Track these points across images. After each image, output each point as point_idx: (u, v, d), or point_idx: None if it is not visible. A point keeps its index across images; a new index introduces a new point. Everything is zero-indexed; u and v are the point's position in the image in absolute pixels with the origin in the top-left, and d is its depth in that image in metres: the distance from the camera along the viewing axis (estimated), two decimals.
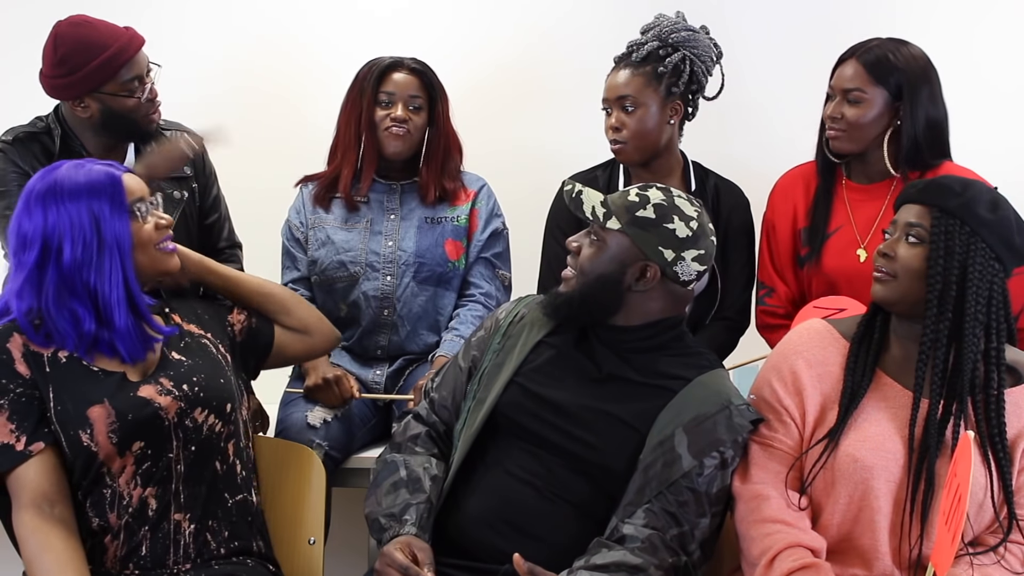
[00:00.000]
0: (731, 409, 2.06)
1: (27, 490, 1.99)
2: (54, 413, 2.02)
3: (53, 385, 2.03)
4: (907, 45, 2.61)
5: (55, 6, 2.70)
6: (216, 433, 2.11)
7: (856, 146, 2.63)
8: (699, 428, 2.03)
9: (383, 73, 2.83)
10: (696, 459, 2.02)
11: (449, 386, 2.26)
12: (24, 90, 2.77)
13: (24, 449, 2.00)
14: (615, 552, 1.97)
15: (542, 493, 2.08)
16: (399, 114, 2.80)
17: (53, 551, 1.96)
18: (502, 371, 2.17)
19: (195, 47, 3.31)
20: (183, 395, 2.08)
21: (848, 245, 2.66)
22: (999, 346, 2.01)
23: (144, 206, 2.09)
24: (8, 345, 2.03)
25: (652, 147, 2.76)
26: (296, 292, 2.59)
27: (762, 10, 3.36)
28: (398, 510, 2.07)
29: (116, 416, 2.02)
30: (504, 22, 3.43)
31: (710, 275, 2.79)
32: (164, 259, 2.13)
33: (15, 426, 2.00)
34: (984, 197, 2.01)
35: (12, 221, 2.06)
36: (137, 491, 2.04)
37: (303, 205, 2.89)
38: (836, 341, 2.12)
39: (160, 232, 2.11)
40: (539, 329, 2.19)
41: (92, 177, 2.05)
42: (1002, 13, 3.31)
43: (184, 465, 2.07)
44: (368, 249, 2.83)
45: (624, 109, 2.73)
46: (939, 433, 1.99)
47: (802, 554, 1.98)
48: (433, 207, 2.86)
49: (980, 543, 2.02)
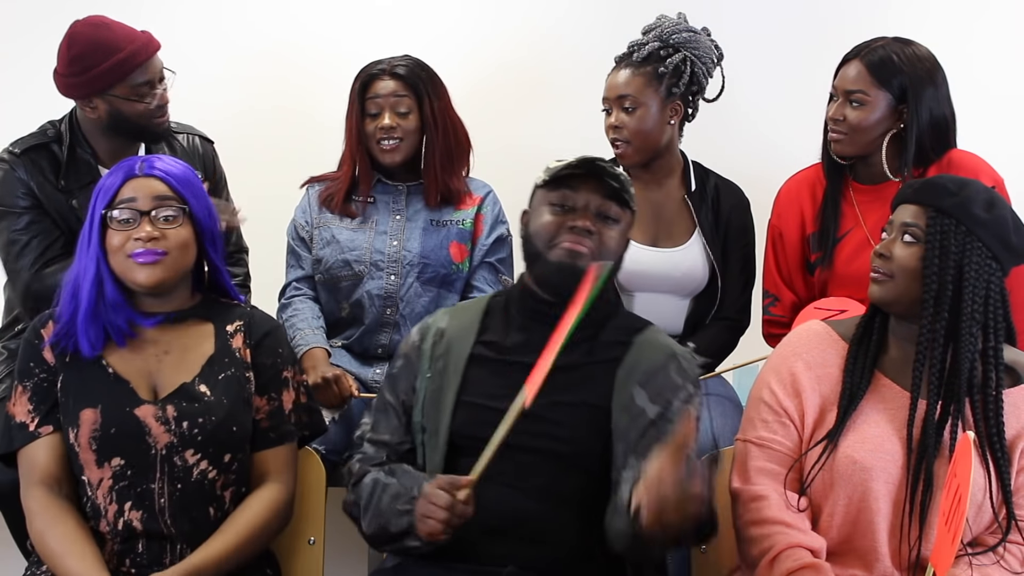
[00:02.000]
0: (678, 359, 2.10)
1: (37, 469, 2.05)
2: (60, 403, 2.07)
3: (64, 377, 2.08)
4: (912, 45, 2.60)
5: (67, 8, 2.72)
6: (210, 480, 2.06)
7: (857, 149, 2.62)
8: (652, 379, 2.06)
9: (366, 83, 2.80)
10: (659, 406, 2.04)
11: (389, 427, 2.18)
12: (39, 93, 2.79)
13: (35, 430, 2.06)
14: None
15: (530, 495, 2.04)
16: (386, 123, 2.77)
17: (63, 525, 2.01)
18: (444, 395, 2.11)
19: (200, 50, 3.30)
20: (179, 432, 2.04)
21: (860, 248, 2.64)
22: (997, 345, 2.01)
23: (126, 213, 2.06)
24: (42, 331, 2.11)
25: (652, 147, 2.76)
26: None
27: (759, 11, 3.36)
28: (407, 496, 2.01)
29: (100, 425, 2.03)
30: (505, 23, 3.42)
31: (710, 275, 2.82)
32: (132, 269, 2.06)
33: (33, 407, 2.07)
34: (980, 196, 2.00)
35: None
36: (113, 507, 2.03)
37: (309, 205, 2.89)
38: (835, 343, 2.12)
39: (134, 244, 2.05)
40: (465, 338, 2.15)
41: (104, 177, 2.12)
42: (997, 13, 3.31)
43: (168, 500, 2.03)
44: (373, 248, 2.82)
45: (624, 109, 2.74)
46: (937, 434, 1.99)
47: (802, 555, 1.98)
48: (439, 210, 2.85)
49: (979, 543, 2.02)
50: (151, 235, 2.05)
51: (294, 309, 2.83)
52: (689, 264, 2.80)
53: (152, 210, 2.06)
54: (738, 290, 2.84)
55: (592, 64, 2.93)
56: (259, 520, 2.09)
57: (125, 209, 2.06)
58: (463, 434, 2.08)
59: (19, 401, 2.08)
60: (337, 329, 2.87)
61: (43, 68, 2.67)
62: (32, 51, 3.01)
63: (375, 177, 2.87)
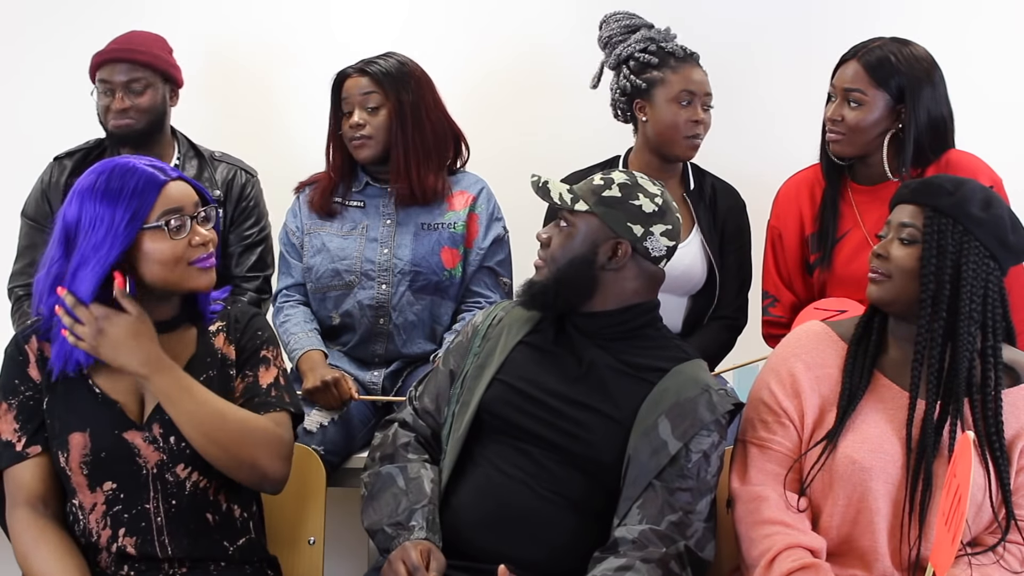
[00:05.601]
0: (710, 392, 2.08)
1: (23, 490, 2.01)
2: (47, 425, 2.03)
3: (50, 398, 2.03)
4: (910, 45, 2.60)
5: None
6: (202, 489, 2.03)
7: (856, 149, 2.62)
8: (680, 412, 2.05)
9: (339, 82, 2.80)
10: (681, 441, 2.03)
11: (432, 392, 2.26)
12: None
13: (22, 450, 2.01)
14: (600, 566, 1.97)
15: (537, 491, 2.07)
16: (354, 120, 2.75)
17: (48, 543, 1.98)
18: (484, 372, 2.18)
19: (201, 50, 3.31)
20: (167, 448, 2.00)
21: (859, 248, 2.64)
22: (996, 345, 2.01)
23: (179, 219, 1.97)
24: (27, 347, 2.05)
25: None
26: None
27: (758, 11, 3.36)
28: (403, 518, 2.06)
29: (91, 450, 1.99)
30: (505, 24, 3.42)
31: (708, 275, 2.82)
32: (195, 276, 1.99)
33: (19, 426, 2.02)
34: (977, 196, 2.00)
35: (60, 210, 2.02)
36: (107, 532, 2.00)
37: (299, 209, 2.87)
38: (834, 343, 2.12)
39: (195, 249, 1.99)
40: (518, 330, 2.20)
41: (130, 182, 1.96)
42: (992, 14, 3.31)
43: (165, 519, 2.01)
44: (363, 257, 2.79)
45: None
46: (936, 434, 1.99)
47: (802, 555, 1.98)
48: (429, 212, 2.80)
49: (979, 543, 2.02)
50: (207, 239, 2.01)
51: (285, 315, 2.82)
52: (688, 262, 2.80)
53: (195, 215, 2.01)
54: (734, 290, 2.85)
55: (591, 66, 2.93)
56: (256, 419, 2.02)
57: (176, 217, 1.96)
58: (490, 410, 2.13)
59: (4, 418, 2.02)
60: (330, 338, 2.85)
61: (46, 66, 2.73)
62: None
63: (363, 179, 2.85)
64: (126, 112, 2.88)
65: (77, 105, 3.01)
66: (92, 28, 3.16)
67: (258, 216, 3.02)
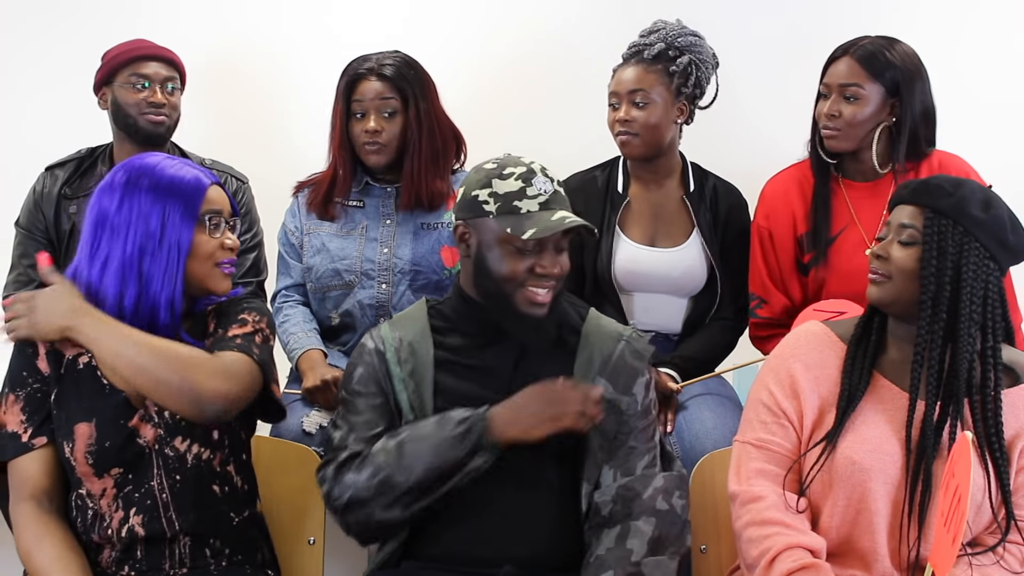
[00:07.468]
0: (629, 341, 2.14)
1: (28, 484, 2.02)
2: (53, 416, 2.04)
3: (59, 390, 2.04)
4: (897, 42, 2.63)
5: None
6: (206, 460, 2.05)
7: (852, 144, 2.63)
8: (613, 369, 2.11)
9: (352, 83, 2.76)
10: (625, 394, 2.10)
11: (365, 414, 2.11)
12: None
13: (28, 441, 2.03)
14: (601, 544, 2.01)
15: (518, 490, 2.07)
16: (371, 127, 2.73)
17: (51, 539, 1.99)
18: (423, 399, 2.10)
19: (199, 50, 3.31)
20: (163, 422, 2.02)
21: (856, 246, 2.64)
22: (995, 346, 2.01)
23: (219, 220, 2.04)
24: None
25: (659, 142, 2.76)
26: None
27: (756, 11, 3.37)
28: (458, 417, 2.01)
29: (96, 440, 2.00)
30: (506, 25, 3.43)
31: (709, 275, 2.82)
32: (217, 278, 2.05)
33: (26, 418, 2.04)
34: (976, 196, 2.00)
35: (95, 194, 2.05)
36: (119, 514, 2.02)
37: (298, 210, 2.87)
38: (834, 344, 2.12)
39: (224, 252, 2.05)
40: (424, 344, 2.13)
41: (177, 177, 2.02)
42: (984, 15, 3.32)
43: (170, 494, 2.02)
44: (363, 257, 2.79)
45: (635, 103, 2.73)
46: (936, 435, 1.99)
47: (801, 555, 1.98)
48: (428, 211, 2.80)
49: (979, 543, 2.02)
50: (235, 245, 2.06)
51: (285, 315, 2.82)
52: (688, 264, 2.80)
53: (231, 222, 2.08)
54: (736, 290, 2.83)
55: (591, 66, 2.94)
56: (192, 349, 1.99)
57: (215, 216, 2.03)
58: None
59: (11, 410, 2.04)
60: (330, 338, 2.84)
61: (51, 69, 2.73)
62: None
63: (363, 179, 2.85)
64: (162, 108, 2.89)
65: (74, 113, 3.03)
66: (91, 33, 3.18)
67: (250, 222, 3.02)
